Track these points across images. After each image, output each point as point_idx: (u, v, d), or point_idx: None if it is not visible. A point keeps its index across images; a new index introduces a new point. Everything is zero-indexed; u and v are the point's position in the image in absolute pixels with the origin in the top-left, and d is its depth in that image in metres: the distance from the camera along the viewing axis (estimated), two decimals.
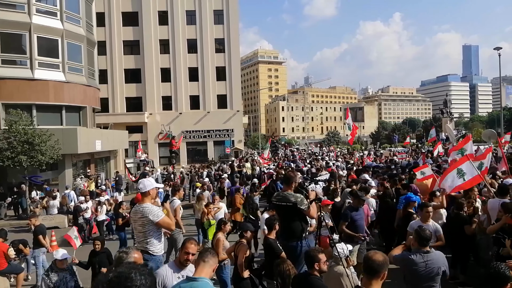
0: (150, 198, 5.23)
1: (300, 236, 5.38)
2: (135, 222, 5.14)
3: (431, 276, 4.34)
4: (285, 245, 5.45)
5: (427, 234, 4.50)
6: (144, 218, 5.01)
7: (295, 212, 5.36)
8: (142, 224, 5.03)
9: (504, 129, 40.79)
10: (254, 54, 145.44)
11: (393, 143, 58.54)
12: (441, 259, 4.44)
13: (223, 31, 40.32)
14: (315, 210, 5.41)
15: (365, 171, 13.57)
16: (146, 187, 5.18)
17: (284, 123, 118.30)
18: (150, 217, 4.98)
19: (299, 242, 5.36)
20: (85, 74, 24.27)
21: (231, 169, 21.21)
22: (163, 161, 37.41)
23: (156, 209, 5.11)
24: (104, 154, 26.94)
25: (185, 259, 4.05)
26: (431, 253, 4.43)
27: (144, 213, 5.02)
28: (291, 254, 5.30)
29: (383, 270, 3.05)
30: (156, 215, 5.02)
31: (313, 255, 3.96)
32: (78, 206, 12.79)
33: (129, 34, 39.19)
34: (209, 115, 39.65)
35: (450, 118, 51.51)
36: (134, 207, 5.26)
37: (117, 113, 38.12)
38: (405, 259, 4.49)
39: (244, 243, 5.65)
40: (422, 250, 4.44)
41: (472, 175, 7.49)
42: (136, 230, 5.15)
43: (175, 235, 8.28)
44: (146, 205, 5.09)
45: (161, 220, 5.05)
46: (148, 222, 4.99)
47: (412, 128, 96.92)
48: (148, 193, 5.18)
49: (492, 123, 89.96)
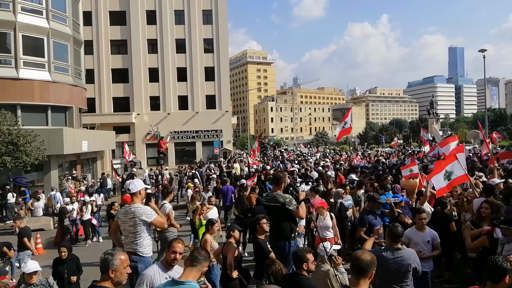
0: (140, 198, 5.21)
1: (288, 236, 5.40)
2: (125, 223, 5.08)
3: (402, 272, 4.43)
4: (274, 245, 5.48)
5: (399, 230, 4.60)
6: (136, 218, 4.97)
7: (284, 213, 5.38)
8: (134, 225, 4.99)
9: (489, 129, 41.50)
10: (243, 54, 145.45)
11: (380, 144, 59.12)
12: (411, 256, 4.52)
13: (212, 31, 40.19)
14: (304, 211, 5.43)
15: (353, 172, 13.66)
16: (137, 187, 5.15)
17: (273, 123, 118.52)
18: (144, 217, 4.96)
19: (288, 242, 5.39)
20: (72, 73, 23.94)
21: (220, 170, 21.18)
22: (151, 162, 37.09)
23: (148, 209, 5.11)
24: (90, 155, 26.61)
25: (173, 259, 4.01)
26: (402, 250, 4.52)
27: (136, 213, 4.98)
28: (280, 254, 5.32)
29: (371, 269, 3.08)
30: (150, 215, 5.01)
31: (301, 255, 3.97)
32: (64, 208, 12.59)
33: (117, 34, 38.76)
34: (198, 115, 39.46)
35: (436, 119, 52.43)
36: (124, 208, 5.22)
37: (104, 114, 37.68)
38: (376, 255, 4.54)
39: (233, 243, 5.64)
40: (393, 247, 4.54)
41: (459, 174, 7.57)
42: (126, 231, 5.09)
43: (169, 234, 8.20)
44: (138, 206, 5.07)
45: (155, 219, 5.05)
46: (141, 223, 4.96)
47: (399, 128, 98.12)
48: (138, 193, 5.16)
49: (476, 123, 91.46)
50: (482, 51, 32.85)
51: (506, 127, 64.54)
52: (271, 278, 4.19)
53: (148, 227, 5.11)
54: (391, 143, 42.54)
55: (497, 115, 74.28)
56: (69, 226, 12.38)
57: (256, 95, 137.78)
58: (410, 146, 36.68)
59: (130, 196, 5.14)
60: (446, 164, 7.80)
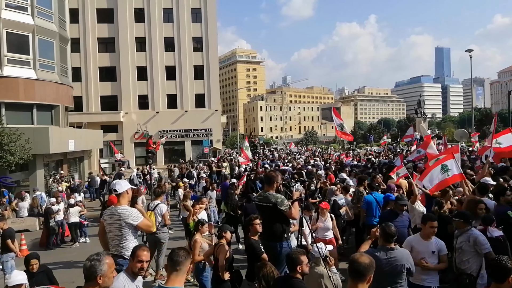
0: (127, 199, 5.02)
1: (280, 237, 5.28)
2: (111, 225, 4.88)
3: (395, 273, 4.36)
4: (266, 245, 5.36)
5: (392, 230, 4.51)
6: (121, 221, 4.78)
7: (276, 213, 5.24)
8: (119, 227, 4.80)
9: (475, 129, 42.05)
10: (232, 53, 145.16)
11: (369, 143, 59.54)
12: (405, 256, 4.45)
13: (201, 30, 39.95)
14: (296, 211, 5.30)
15: (343, 170, 13.64)
16: (123, 188, 4.97)
17: (262, 122, 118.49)
18: (129, 220, 4.77)
19: (280, 243, 5.26)
20: (58, 71, 23.49)
21: (210, 169, 21.00)
22: (139, 161, 36.70)
23: (135, 211, 4.91)
24: (77, 154, 26.18)
25: (139, 269, 3.74)
26: (395, 250, 4.45)
27: (122, 216, 4.79)
28: (272, 254, 5.21)
29: (369, 273, 2.98)
30: (136, 217, 4.83)
31: (295, 257, 3.85)
32: (50, 208, 12.29)
33: (104, 31, 38.27)
34: (187, 114, 39.20)
35: (423, 118, 52.88)
36: (109, 209, 5.00)
37: (91, 112, 37.18)
38: (370, 255, 4.47)
39: (224, 244, 5.52)
40: (386, 247, 4.47)
41: (454, 173, 7.54)
42: (111, 234, 4.89)
43: (162, 235, 8.02)
44: (124, 207, 4.88)
45: (141, 222, 4.87)
46: (126, 225, 4.78)
47: (387, 128, 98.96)
48: (125, 193, 4.98)
49: (463, 123, 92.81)
50: (469, 51, 33.26)
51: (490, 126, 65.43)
52: (262, 282, 4.07)
53: (134, 230, 4.92)
54: (380, 142, 42.85)
55: (483, 115, 75.40)
56: (54, 227, 12.09)
57: (246, 94, 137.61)
58: (399, 145, 36.97)
59: (116, 197, 4.94)
60: (443, 161, 7.74)
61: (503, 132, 10.16)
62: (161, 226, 7.96)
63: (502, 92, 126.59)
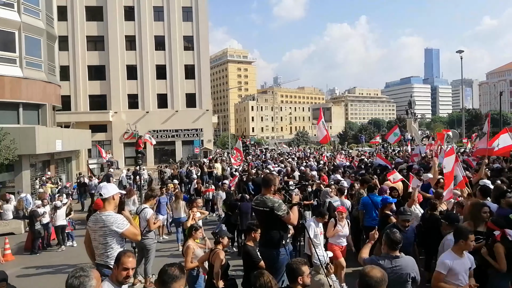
0: (114, 205, 4.68)
1: (278, 244, 4.97)
2: (95, 233, 4.55)
3: (400, 282, 4.12)
4: (263, 252, 5.07)
5: (397, 236, 4.26)
6: (106, 228, 4.46)
7: (273, 218, 4.94)
8: (104, 235, 4.47)
9: (465, 129, 42.32)
10: (223, 53, 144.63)
11: (360, 143, 59.64)
12: (410, 265, 4.22)
13: (192, 29, 39.58)
14: (295, 216, 5.00)
15: (337, 171, 13.45)
16: (109, 192, 4.63)
17: (253, 122, 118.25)
18: (114, 227, 4.44)
19: (278, 250, 4.96)
20: (45, 69, 22.94)
21: (201, 170, 20.67)
22: (128, 161, 36.18)
23: (120, 218, 4.57)
24: (65, 154, 25.61)
25: (125, 277, 3.44)
26: (400, 258, 4.21)
27: (106, 223, 4.46)
28: (269, 262, 4.92)
29: (382, 287, 2.72)
30: (121, 224, 4.49)
31: (296, 268, 3.57)
32: (35, 210, 11.85)
33: (93, 30, 37.68)
34: (177, 114, 38.78)
35: (414, 119, 53.29)
36: (94, 215, 4.66)
37: (79, 112, 36.57)
38: (373, 263, 4.26)
39: (220, 251, 5.24)
40: (391, 255, 4.23)
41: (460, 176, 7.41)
42: (96, 242, 4.56)
43: (148, 241, 7.67)
44: (109, 214, 4.54)
45: (127, 230, 4.52)
46: (111, 233, 4.45)
47: (378, 128, 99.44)
48: (112, 199, 4.64)
49: (452, 123, 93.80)
50: (459, 52, 33.49)
51: (481, 127, 66.16)
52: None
53: (120, 238, 4.59)
54: (372, 141, 42.86)
55: (473, 115, 76.18)
56: (40, 230, 11.66)
57: (237, 94, 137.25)
58: (390, 145, 37.00)
59: (102, 201, 4.62)
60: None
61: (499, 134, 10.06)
62: (146, 231, 7.60)
63: (491, 93, 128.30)
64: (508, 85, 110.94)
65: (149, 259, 7.65)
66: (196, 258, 5.93)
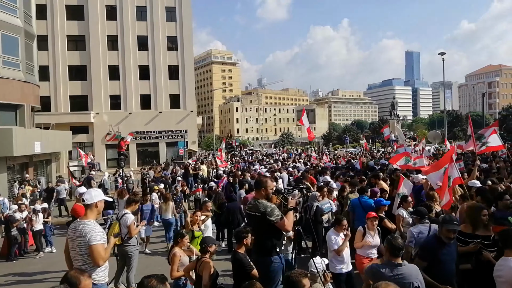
0: (96, 212, 4.30)
1: (270, 251, 4.62)
2: (73, 242, 4.15)
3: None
4: (256, 260, 4.75)
5: (399, 243, 4.04)
6: (81, 238, 4.06)
7: (265, 224, 4.57)
8: (79, 246, 4.09)
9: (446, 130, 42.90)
10: (207, 54, 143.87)
11: (344, 144, 60.07)
12: (413, 273, 3.98)
13: (176, 29, 39.04)
14: (290, 222, 4.64)
15: (325, 173, 13.28)
16: (93, 198, 4.24)
17: (238, 124, 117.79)
18: (87, 237, 4.05)
19: (270, 258, 4.62)
20: (23, 69, 22.17)
21: (185, 171, 20.26)
22: (111, 163, 35.39)
23: (98, 229, 4.16)
24: (44, 156, 24.80)
25: None
26: (403, 266, 3.97)
27: (82, 232, 4.07)
28: (262, 271, 4.62)
29: None
30: (94, 237, 4.05)
31: (296, 281, 3.25)
32: (11, 216, 11.28)
33: (74, 29, 36.74)
34: (161, 115, 38.15)
35: (397, 120, 53.98)
36: (74, 223, 4.29)
37: (60, 113, 35.55)
38: (375, 272, 4.04)
39: (208, 260, 4.93)
40: (393, 263, 4.00)
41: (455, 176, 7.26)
42: (74, 252, 4.17)
43: (129, 248, 7.25)
44: (89, 223, 4.15)
45: (95, 246, 4.04)
46: (86, 244, 4.06)
47: (361, 129, 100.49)
48: (94, 206, 4.25)
49: (433, 124, 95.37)
50: (441, 54, 33.90)
51: (462, 128, 67.46)
52: None
53: None
54: (362, 143, 43.05)
55: (453, 117, 77.55)
56: (16, 236, 11.09)
57: (221, 96, 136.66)
58: (375, 146, 37.29)
59: (83, 207, 4.25)
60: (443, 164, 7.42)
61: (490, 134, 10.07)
62: (127, 238, 7.21)
63: (470, 95, 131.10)
64: (486, 87, 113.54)
65: (131, 267, 7.23)
66: (182, 266, 5.62)
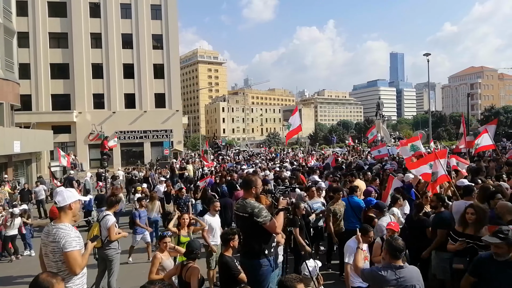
0: (71, 215, 3.92)
1: (259, 254, 4.38)
2: (46, 247, 3.77)
3: None
4: (244, 263, 4.51)
5: (400, 244, 3.83)
6: (55, 243, 3.69)
7: (253, 226, 4.32)
8: (53, 252, 3.70)
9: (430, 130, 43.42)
10: (193, 53, 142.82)
11: (331, 144, 60.37)
12: (415, 275, 3.82)
13: (161, 27, 38.53)
14: (280, 224, 4.38)
15: (314, 172, 13.12)
16: (66, 200, 3.85)
17: (224, 124, 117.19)
18: (61, 243, 3.67)
19: (259, 261, 4.38)
20: (2, 66, 21.48)
21: (171, 172, 19.86)
22: (94, 163, 34.64)
23: (73, 234, 3.77)
24: (24, 156, 24.08)
25: None
26: (405, 269, 3.78)
27: (56, 237, 3.70)
28: (250, 274, 4.39)
29: None
30: (69, 243, 3.67)
31: (291, 286, 3.06)
32: None
33: (56, 26, 35.93)
34: (146, 114, 37.57)
35: (382, 120, 54.38)
36: (47, 226, 3.92)
37: (41, 112, 34.74)
38: (375, 275, 3.84)
39: (194, 265, 4.67)
40: (394, 265, 3.79)
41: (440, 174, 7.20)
42: (47, 259, 3.78)
43: (110, 252, 6.90)
44: (63, 226, 3.77)
45: (70, 253, 3.66)
46: (60, 250, 3.69)
47: (347, 129, 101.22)
48: (68, 208, 3.86)
49: (417, 125, 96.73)
50: (426, 54, 34.20)
51: (446, 128, 68.52)
52: None
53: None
54: (347, 142, 43.31)
55: (437, 117, 78.70)
56: None
57: (207, 95, 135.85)
58: (361, 146, 37.49)
59: (57, 210, 3.89)
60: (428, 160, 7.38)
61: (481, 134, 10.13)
62: (107, 241, 6.87)
63: (453, 96, 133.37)
64: (468, 88, 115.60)
65: (112, 271, 6.87)
66: (163, 270, 5.33)
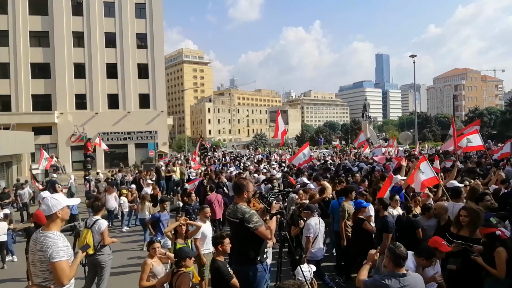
0: (60, 222, 3.66)
1: (252, 260, 4.22)
2: (33, 255, 3.55)
3: None
4: (236, 269, 4.36)
5: (402, 251, 3.68)
6: (42, 253, 3.47)
7: (244, 231, 4.18)
8: (40, 261, 3.49)
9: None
10: (178, 53, 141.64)
11: (318, 145, 60.51)
12: (419, 283, 3.68)
13: (146, 26, 37.91)
14: (272, 230, 4.22)
15: (302, 174, 12.88)
16: (52, 209, 3.57)
17: (210, 125, 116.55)
18: (49, 253, 3.45)
19: (252, 267, 4.23)
20: None
21: (157, 174, 19.36)
22: (76, 165, 33.85)
23: (61, 243, 3.53)
24: (4, 159, 23.35)
25: None
26: (408, 277, 3.62)
27: (43, 246, 3.48)
28: (244, 281, 4.24)
29: None
30: (56, 253, 3.45)
31: None
32: None
33: (37, 24, 35.03)
34: (130, 115, 36.90)
35: (369, 121, 54.76)
36: (35, 233, 3.66)
37: (21, 113, 33.85)
38: (378, 284, 3.66)
39: (185, 272, 4.43)
40: (397, 273, 3.62)
41: (429, 176, 7.16)
42: (33, 267, 3.56)
43: (103, 257, 6.55)
44: (51, 235, 3.53)
45: (58, 263, 3.45)
46: (47, 260, 3.47)
47: (333, 130, 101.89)
48: (56, 215, 3.60)
49: (402, 126, 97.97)
50: (412, 56, 34.52)
51: (431, 129, 69.42)
52: None
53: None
54: (334, 144, 43.47)
55: (423, 118, 79.77)
56: None
57: (193, 96, 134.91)
58: (349, 146, 37.63)
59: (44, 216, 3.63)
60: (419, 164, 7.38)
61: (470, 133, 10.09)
62: (100, 246, 6.54)
63: (437, 97, 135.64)
64: (453, 90, 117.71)
65: (103, 278, 6.56)
66: (154, 276, 5.12)
